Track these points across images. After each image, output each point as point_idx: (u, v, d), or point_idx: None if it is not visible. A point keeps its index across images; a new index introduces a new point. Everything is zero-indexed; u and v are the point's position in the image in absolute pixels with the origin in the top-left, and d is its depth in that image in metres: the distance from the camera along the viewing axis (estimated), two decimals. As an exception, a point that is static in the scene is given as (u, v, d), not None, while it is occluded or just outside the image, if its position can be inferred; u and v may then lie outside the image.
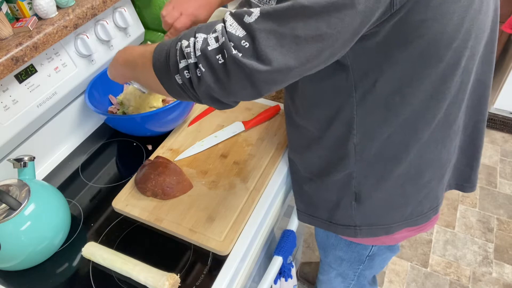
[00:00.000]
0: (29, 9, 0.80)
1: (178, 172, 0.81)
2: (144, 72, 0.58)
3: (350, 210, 0.76)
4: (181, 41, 0.50)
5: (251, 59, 0.45)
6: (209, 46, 0.47)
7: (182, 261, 0.72)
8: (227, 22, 0.46)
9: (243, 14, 0.45)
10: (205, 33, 0.48)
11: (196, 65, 0.48)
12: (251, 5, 0.48)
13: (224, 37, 0.46)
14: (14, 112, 0.79)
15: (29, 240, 0.67)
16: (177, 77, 0.51)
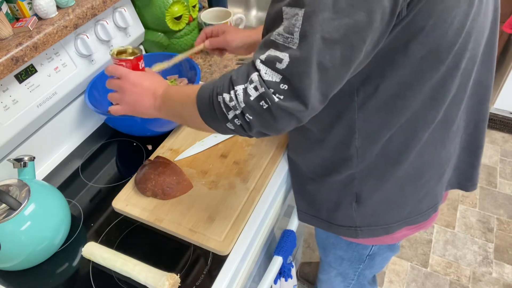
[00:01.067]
0: (29, 9, 0.80)
1: (178, 172, 0.81)
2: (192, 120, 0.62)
3: (351, 211, 0.76)
4: (221, 94, 0.53)
5: (292, 99, 0.49)
6: (251, 97, 0.50)
7: (182, 261, 0.72)
8: (262, 71, 0.50)
9: (274, 61, 0.49)
10: (242, 84, 0.51)
11: (243, 114, 0.52)
12: (277, 45, 0.49)
13: (263, 87, 0.49)
14: (14, 112, 0.79)
15: (29, 240, 0.67)
16: (228, 125, 0.55)
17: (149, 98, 0.69)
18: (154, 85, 0.69)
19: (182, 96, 0.63)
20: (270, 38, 0.50)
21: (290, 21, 0.47)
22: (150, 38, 1.11)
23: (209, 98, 0.55)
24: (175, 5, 1.05)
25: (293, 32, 0.47)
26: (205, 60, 1.21)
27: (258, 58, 0.50)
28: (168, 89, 0.68)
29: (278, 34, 0.49)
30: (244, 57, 1.20)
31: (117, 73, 0.71)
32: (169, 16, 1.05)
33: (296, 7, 0.47)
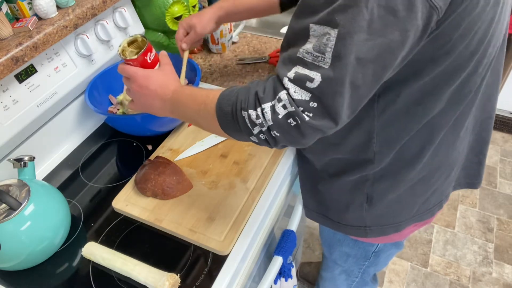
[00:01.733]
0: (29, 9, 0.80)
1: (178, 172, 0.81)
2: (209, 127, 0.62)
3: (361, 212, 0.76)
4: (246, 110, 0.52)
5: (322, 118, 0.49)
6: (279, 115, 0.50)
7: (182, 261, 0.72)
8: (290, 90, 0.49)
9: (304, 80, 0.48)
10: (269, 101, 0.51)
11: (269, 131, 0.52)
12: (306, 63, 0.48)
13: (293, 106, 0.49)
14: (14, 112, 0.79)
15: (29, 240, 0.67)
16: (252, 138, 0.55)
17: (158, 102, 0.67)
18: (161, 88, 0.67)
19: (196, 103, 0.62)
20: (297, 55, 0.49)
21: (320, 40, 0.47)
22: (150, 38, 1.11)
23: (231, 112, 0.54)
24: (175, 5, 1.05)
25: (325, 51, 0.47)
26: (205, 60, 1.21)
27: (286, 76, 0.50)
28: (178, 93, 0.66)
29: (306, 52, 0.48)
30: (244, 57, 1.20)
31: (125, 74, 0.69)
32: (169, 16, 1.05)
33: (327, 26, 0.46)
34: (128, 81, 0.69)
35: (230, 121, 0.55)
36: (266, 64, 1.16)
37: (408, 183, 0.72)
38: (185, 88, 0.66)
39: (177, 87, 0.66)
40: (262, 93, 0.51)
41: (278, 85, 0.51)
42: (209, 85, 1.10)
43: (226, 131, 0.58)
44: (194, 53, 1.24)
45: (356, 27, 0.45)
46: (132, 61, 0.69)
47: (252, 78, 1.11)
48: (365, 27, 0.45)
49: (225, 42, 1.20)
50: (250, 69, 1.15)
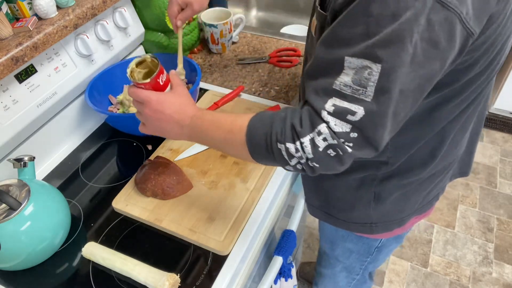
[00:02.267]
0: (29, 9, 0.80)
1: (178, 172, 0.81)
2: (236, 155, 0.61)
3: (368, 209, 0.77)
4: (283, 142, 0.52)
5: (363, 147, 0.50)
6: (319, 148, 0.50)
7: (182, 261, 0.72)
8: (331, 123, 0.49)
9: (345, 113, 0.48)
10: (308, 135, 0.50)
11: (308, 162, 0.52)
12: (344, 96, 0.48)
13: (334, 139, 0.49)
14: (14, 112, 0.79)
15: (29, 240, 0.67)
16: (287, 167, 0.55)
17: (174, 127, 0.64)
18: (178, 113, 0.64)
19: (222, 131, 0.60)
20: (333, 87, 0.49)
21: (360, 73, 0.47)
22: (150, 38, 1.11)
23: (266, 143, 0.54)
24: (175, 5, 1.05)
25: (367, 85, 0.47)
26: (205, 60, 1.21)
27: (323, 109, 0.49)
28: (197, 119, 0.63)
29: (344, 85, 0.48)
30: (244, 57, 1.20)
31: (137, 98, 0.65)
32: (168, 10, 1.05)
33: (367, 60, 0.46)
34: (140, 106, 0.66)
35: (263, 152, 0.55)
36: (266, 64, 1.16)
37: (417, 182, 0.73)
38: (205, 113, 0.63)
39: (195, 112, 0.64)
40: (300, 127, 0.51)
41: (316, 118, 0.50)
42: (209, 85, 1.10)
43: (257, 159, 0.57)
44: (194, 53, 1.24)
45: (400, 62, 0.45)
46: (144, 84, 0.64)
47: (252, 78, 1.11)
48: (408, 61, 0.45)
49: (225, 42, 1.20)
50: (250, 69, 1.15)
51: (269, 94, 1.06)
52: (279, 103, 1.01)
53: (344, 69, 0.48)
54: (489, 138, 2.20)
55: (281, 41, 1.25)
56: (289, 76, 1.11)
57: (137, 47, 1.12)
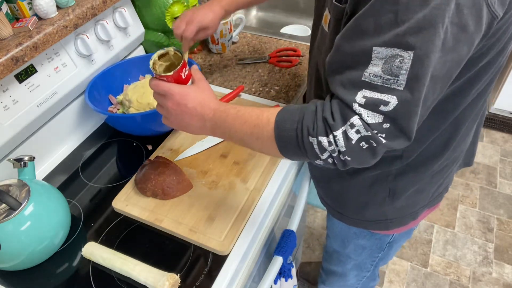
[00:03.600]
0: (29, 9, 0.80)
1: (178, 172, 0.81)
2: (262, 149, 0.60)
3: (383, 206, 0.77)
4: (315, 136, 0.51)
5: (397, 137, 0.50)
6: (352, 141, 0.50)
7: (182, 261, 0.72)
8: (363, 115, 0.49)
9: (377, 104, 0.48)
10: (340, 128, 0.50)
11: (340, 156, 0.51)
12: (375, 87, 0.48)
13: (368, 131, 0.49)
14: (14, 112, 0.79)
15: (29, 240, 0.67)
16: (317, 162, 0.54)
17: (196, 121, 0.63)
18: (201, 106, 0.63)
19: (247, 126, 0.59)
20: (362, 79, 0.48)
21: (390, 62, 0.46)
22: (150, 38, 1.11)
23: (296, 137, 0.53)
24: (175, 5, 1.05)
25: (399, 74, 0.46)
26: (205, 60, 1.21)
27: (354, 101, 0.49)
28: (221, 112, 0.62)
29: (374, 76, 0.48)
30: (244, 57, 1.20)
31: (159, 91, 0.64)
32: (169, 16, 1.05)
33: (397, 48, 0.46)
34: (162, 98, 0.64)
35: (293, 146, 0.54)
36: (266, 64, 1.16)
37: (430, 174, 0.73)
38: (228, 107, 0.62)
39: (218, 105, 0.63)
40: (332, 120, 0.50)
41: (347, 110, 0.50)
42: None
43: (286, 154, 0.57)
44: (194, 53, 1.24)
45: (433, 47, 0.45)
46: (166, 77, 0.63)
47: (252, 78, 1.11)
48: (440, 46, 0.45)
49: (225, 42, 1.20)
50: (250, 69, 1.15)
51: (269, 94, 1.06)
52: (279, 103, 1.01)
53: (371, 60, 0.47)
54: (489, 138, 2.20)
55: (281, 41, 1.25)
56: (289, 76, 1.11)
57: (137, 47, 1.12)
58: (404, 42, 0.45)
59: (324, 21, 0.62)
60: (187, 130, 0.66)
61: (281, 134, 0.54)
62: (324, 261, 1.19)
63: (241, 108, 0.61)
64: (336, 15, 0.56)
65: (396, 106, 0.47)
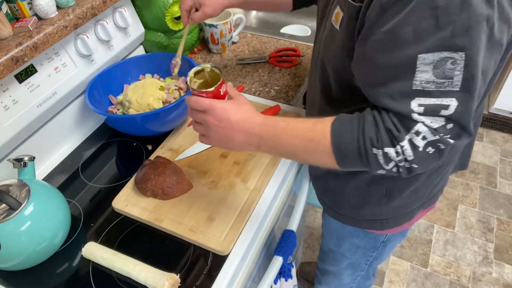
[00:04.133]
0: (29, 9, 0.80)
1: (178, 172, 0.81)
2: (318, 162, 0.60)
3: (379, 206, 0.77)
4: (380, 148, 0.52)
5: (460, 136, 0.50)
6: (419, 148, 0.50)
7: (182, 261, 0.72)
8: (427, 121, 0.49)
9: (438, 109, 0.49)
10: (406, 137, 0.50)
11: (407, 164, 0.52)
12: (429, 93, 0.48)
13: (435, 135, 0.50)
14: (14, 112, 0.79)
15: (29, 240, 0.67)
16: (379, 171, 0.55)
17: (240, 136, 0.61)
18: (244, 121, 0.61)
19: (300, 140, 0.58)
20: (413, 88, 0.48)
21: (441, 66, 0.47)
22: (150, 38, 1.11)
23: (358, 150, 0.53)
24: (175, 5, 1.05)
25: (453, 76, 0.47)
26: (205, 60, 1.21)
27: (412, 111, 0.49)
28: (268, 126, 0.60)
29: (426, 82, 0.48)
30: (244, 57, 1.20)
31: (199, 107, 0.61)
32: (169, 16, 1.05)
33: (445, 51, 0.46)
34: (201, 115, 0.62)
35: (354, 158, 0.54)
36: (266, 64, 1.16)
37: (426, 174, 0.73)
38: (276, 120, 0.61)
39: (264, 119, 0.61)
40: (396, 131, 0.51)
41: (408, 120, 0.50)
42: (209, 85, 1.10)
43: (343, 166, 0.56)
44: (194, 53, 1.24)
45: (481, 44, 0.46)
46: (206, 93, 0.61)
47: (252, 78, 1.11)
48: (486, 41, 0.46)
49: (225, 42, 1.20)
50: (250, 69, 1.15)
51: (269, 94, 1.06)
52: (279, 103, 1.01)
53: (417, 67, 0.48)
54: (489, 138, 2.20)
55: (281, 41, 1.25)
56: (289, 76, 1.11)
57: (137, 47, 1.12)
58: (453, 44, 0.45)
59: (335, 18, 0.61)
60: (229, 146, 0.64)
61: (340, 147, 0.54)
62: (319, 260, 1.19)
63: (290, 120, 0.59)
64: (349, 13, 0.56)
65: (457, 107, 0.48)
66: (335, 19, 0.61)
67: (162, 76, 1.05)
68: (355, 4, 0.54)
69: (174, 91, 0.96)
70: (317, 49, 0.73)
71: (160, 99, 0.93)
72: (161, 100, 0.93)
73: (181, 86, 0.99)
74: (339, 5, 0.58)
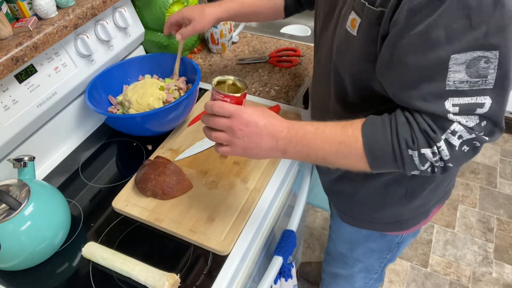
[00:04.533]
0: (29, 9, 0.80)
1: (178, 172, 0.81)
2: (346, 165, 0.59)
3: (399, 207, 0.76)
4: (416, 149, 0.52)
5: (494, 132, 0.51)
6: (456, 147, 0.51)
7: (182, 261, 0.72)
8: (462, 120, 0.50)
9: (473, 109, 0.49)
10: (442, 137, 0.51)
11: (444, 164, 0.53)
12: (463, 93, 0.48)
13: (471, 134, 0.50)
14: (14, 112, 0.79)
15: (29, 240, 0.67)
16: (414, 172, 0.55)
17: (267, 140, 0.59)
18: (271, 124, 0.59)
19: (330, 144, 0.56)
20: (446, 89, 0.49)
21: (474, 65, 0.47)
22: (150, 38, 1.11)
23: (393, 152, 0.53)
24: (175, 5, 1.05)
25: (487, 74, 0.47)
26: (205, 60, 1.21)
27: (448, 112, 0.50)
28: (296, 130, 0.59)
29: (459, 82, 0.48)
30: (244, 57, 1.20)
31: (224, 112, 0.58)
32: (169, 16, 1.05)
33: (479, 51, 0.46)
34: (225, 121, 0.59)
35: (388, 160, 0.54)
36: (266, 64, 1.16)
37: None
38: (304, 123, 0.59)
39: (289, 122, 0.59)
40: (432, 132, 0.51)
41: (443, 121, 0.51)
42: (209, 85, 1.10)
43: (376, 168, 0.56)
44: (194, 53, 1.24)
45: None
46: (231, 98, 0.59)
47: (252, 78, 1.11)
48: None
49: (225, 42, 1.20)
50: (250, 69, 1.15)
51: (269, 94, 1.06)
52: (279, 103, 1.01)
53: (449, 68, 0.48)
54: (489, 138, 2.20)
55: (281, 41, 1.25)
56: (289, 76, 1.11)
57: (137, 47, 1.12)
58: (486, 44, 0.46)
59: (351, 24, 0.59)
60: (253, 153, 0.61)
61: (374, 150, 0.54)
62: (326, 264, 1.17)
63: (318, 124, 0.58)
64: (369, 19, 0.55)
65: (491, 105, 0.49)
66: (351, 25, 0.59)
67: (162, 77, 1.05)
68: (375, 9, 0.53)
69: (174, 91, 0.96)
70: (325, 55, 0.71)
71: (160, 99, 0.93)
72: (161, 100, 0.93)
73: (181, 86, 0.99)
74: (355, 11, 0.57)
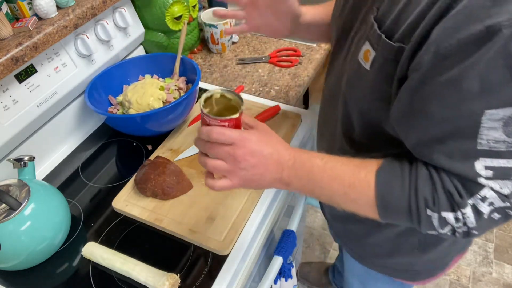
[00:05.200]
0: (29, 9, 0.80)
1: (178, 172, 0.81)
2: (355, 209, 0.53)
3: (411, 257, 0.70)
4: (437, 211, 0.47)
5: None
6: (484, 214, 0.45)
7: (182, 261, 0.72)
8: (495, 186, 0.44)
9: (509, 173, 0.43)
10: (469, 202, 0.45)
11: (467, 230, 0.47)
12: (498, 154, 0.42)
13: (506, 202, 0.44)
14: (14, 112, 0.79)
15: (29, 240, 0.67)
16: (431, 232, 0.49)
17: (273, 171, 0.53)
18: (278, 153, 0.53)
19: (338, 184, 0.51)
20: (478, 147, 0.43)
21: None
22: (150, 38, 1.11)
23: (409, 208, 0.48)
24: (175, 5, 1.05)
25: None
26: (205, 60, 1.21)
27: (479, 175, 0.44)
28: (303, 162, 0.53)
29: (495, 141, 0.42)
30: (244, 57, 1.20)
31: (227, 140, 0.51)
32: (169, 16, 1.05)
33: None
34: (228, 149, 0.51)
35: (403, 216, 0.49)
36: (266, 64, 1.16)
37: None
38: (312, 155, 0.53)
39: (295, 151, 0.54)
40: (458, 196, 0.45)
41: (472, 184, 0.45)
42: (209, 85, 1.10)
43: (386, 220, 0.51)
44: (194, 53, 1.24)
45: None
46: (228, 121, 0.50)
47: (252, 78, 1.11)
48: None
49: (225, 42, 1.20)
50: (250, 69, 1.15)
51: (269, 94, 1.06)
52: (279, 103, 1.01)
53: (482, 124, 0.41)
54: (489, 138, 2.20)
55: (281, 41, 1.25)
56: (289, 76, 1.11)
57: (137, 47, 1.12)
58: None
59: (363, 57, 0.52)
60: (254, 185, 0.55)
61: (387, 201, 0.49)
62: None
63: (329, 158, 0.52)
64: (385, 55, 0.48)
65: None
66: (363, 57, 0.52)
67: (162, 77, 1.05)
68: (393, 44, 0.46)
69: (174, 91, 0.96)
70: (333, 82, 0.65)
71: (160, 99, 0.93)
72: (161, 100, 0.93)
73: (181, 86, 0.99)
74: (369, 41, 0.50)
